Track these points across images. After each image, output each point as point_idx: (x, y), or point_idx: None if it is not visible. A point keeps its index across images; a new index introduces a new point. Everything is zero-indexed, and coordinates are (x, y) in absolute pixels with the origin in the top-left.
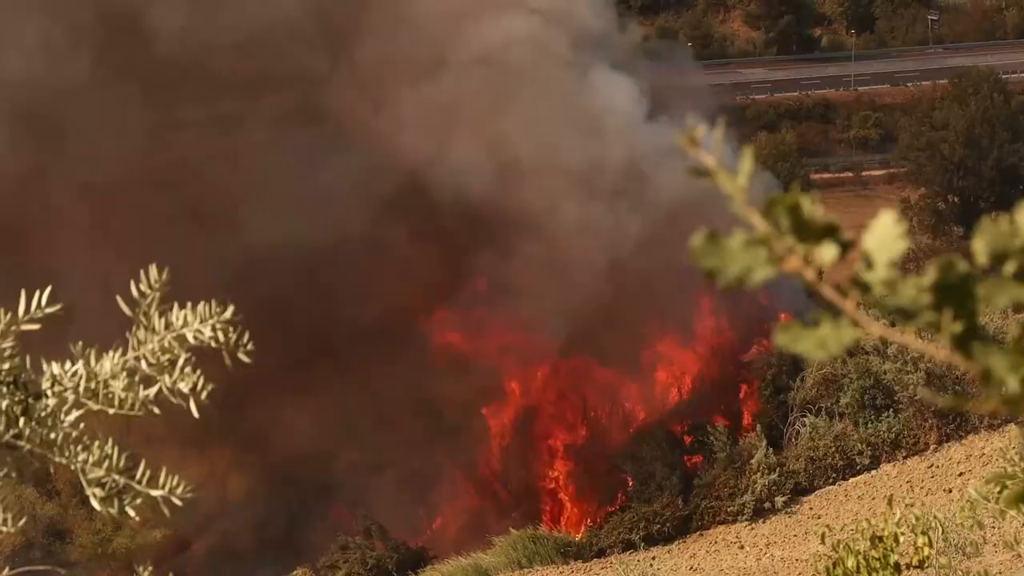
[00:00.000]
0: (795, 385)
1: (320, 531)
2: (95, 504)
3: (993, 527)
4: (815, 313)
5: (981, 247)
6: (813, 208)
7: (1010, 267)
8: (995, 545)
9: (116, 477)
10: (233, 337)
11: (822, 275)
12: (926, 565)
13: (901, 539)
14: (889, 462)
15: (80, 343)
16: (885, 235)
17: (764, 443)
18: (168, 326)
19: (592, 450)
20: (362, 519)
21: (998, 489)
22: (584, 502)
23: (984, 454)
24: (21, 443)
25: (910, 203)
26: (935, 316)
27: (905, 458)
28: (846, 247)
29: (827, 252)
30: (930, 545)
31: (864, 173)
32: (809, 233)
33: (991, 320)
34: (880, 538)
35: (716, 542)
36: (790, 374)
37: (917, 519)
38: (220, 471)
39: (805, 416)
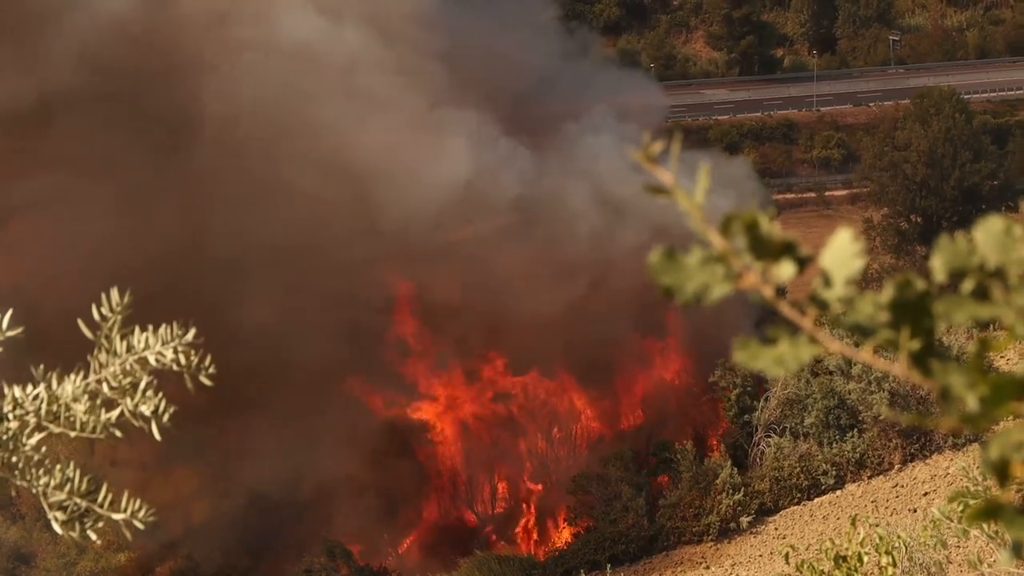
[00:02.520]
0: (759, 405)
1: (285, 554)
2: (56, 528)
3: (957, 546)
4: (773, 330)
5: (939, 265)
6: (770, 225)
7: (968, 285)
8: (959, 565)
9: (78, 500)
10: (195, 360)
11: (784, 292)
12: None
13: (865, 559)
14: (854, 482)
15: (42, 366)
16: (843, 253)
17: (729, 463)
18: (130, 349)
19: (556, 471)
20: (326, 541)
21: (961, 508)
22: (549, 523)
23: (948, 473)
24: None
25: (873, 223)
26: (893, 334)
27: (870, 478)
28: (804, 264)
29: (784, 269)
30: (894, 564)
31: (827, 193)
32: (766, 250)
33: (955, 339)
34: (844, 558)
35: (682, 562)
36: (754, 394)
37: (881, 539)
38: (185, 494)
39: (770, 436)
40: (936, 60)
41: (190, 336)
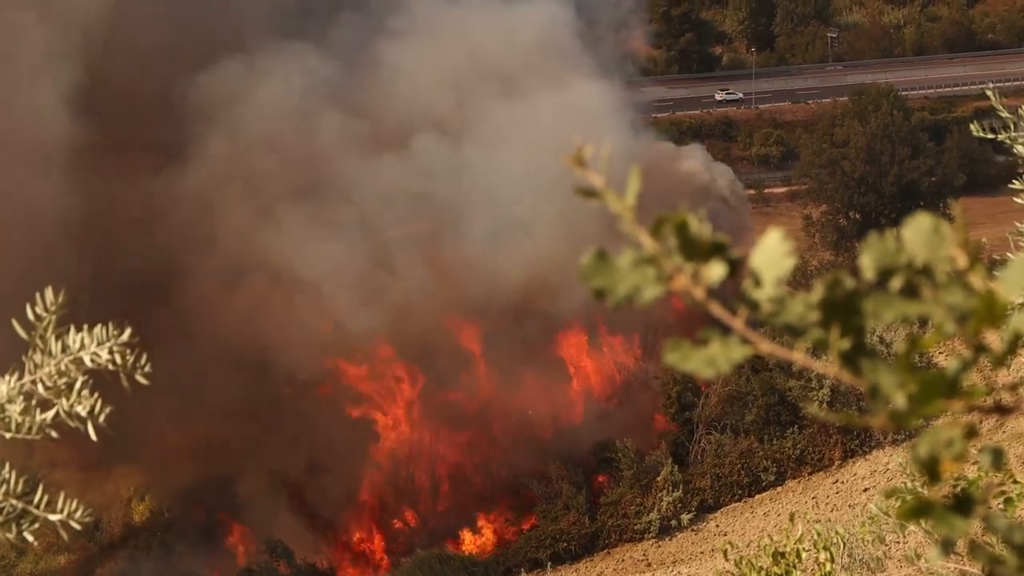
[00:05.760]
0: (700, 402)
1: (225, 552)
2: None
3: (896, 542)
4: (704, 331)
5: (868, 263)
6: (701, 226)
7: (896, 282)
8: (898, 561)
9: (13, 502)
10: (131, 359)
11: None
12: None
13: (804, 555)
14: (794, 478)
15: None
16: (773, 252)
17: (670, 461)
18: (65, 349)
19: (498, 469)
20: (268, 541)
21: (898, 503)
22: (490, 522)
23: (888, 469)
24: None
25: (812, 220)
26: (823, 333)
27: (810, 474)
28: (735, 265)
29: (715, 270)
30: (832, 560)
31: (766, 190)
32: (697, 251)
33: (895, 336)
34: (782, 554)
35: (623, 560)
36: (695, 391)
37: (819, 535)
38: (125, 494)
39: (711, 433)
40: (874, 57)
41: (125, 336)
